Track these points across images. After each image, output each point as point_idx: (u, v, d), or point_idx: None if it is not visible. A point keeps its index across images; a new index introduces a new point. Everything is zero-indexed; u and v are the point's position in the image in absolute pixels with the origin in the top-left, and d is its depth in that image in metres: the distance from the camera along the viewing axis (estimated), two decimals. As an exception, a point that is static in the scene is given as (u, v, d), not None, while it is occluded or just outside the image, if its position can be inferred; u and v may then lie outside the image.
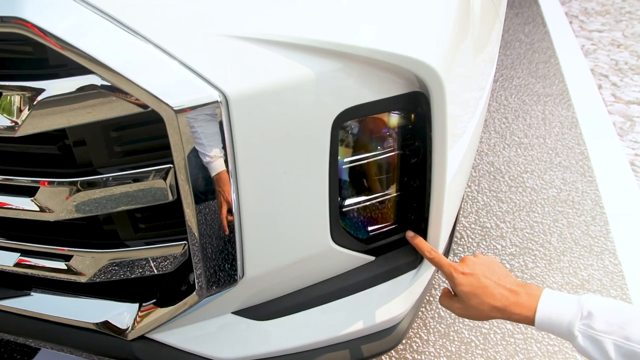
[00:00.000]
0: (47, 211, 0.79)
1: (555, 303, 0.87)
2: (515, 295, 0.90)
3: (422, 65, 0.77)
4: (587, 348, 0.82)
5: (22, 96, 0.70)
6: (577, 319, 0.83)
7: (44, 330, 0.99)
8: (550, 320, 0.86)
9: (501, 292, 0.90)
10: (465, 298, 0.93)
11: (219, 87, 0.71)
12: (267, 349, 0.98)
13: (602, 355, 0.80)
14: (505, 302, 0.90)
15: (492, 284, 0.91)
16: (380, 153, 0.91)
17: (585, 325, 0.82)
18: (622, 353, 0.78)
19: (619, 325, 0.79)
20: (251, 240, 0.85)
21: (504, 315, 0.90)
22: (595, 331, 0.81)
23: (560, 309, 0.85)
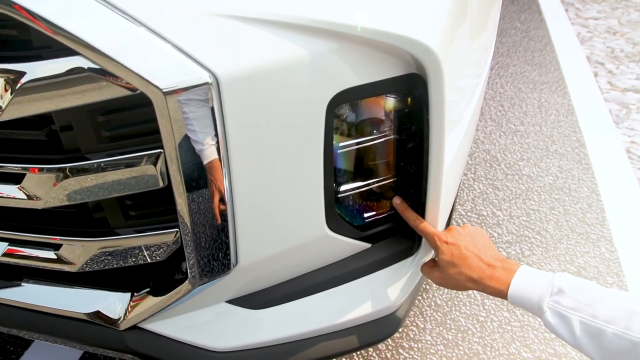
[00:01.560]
0: (35, 199, 0.77)
1: (529, 279, 0.89)
2: (492, 269, 0.92)
3: (420, 45, 0.75)
4: (554, 324, 0.84)
5: (5, 79, 0.68)
6: (547, 295, 0.85)
7: (35, 321, 0.98)
8: (521, 295, 0.88)
9: (479, 265, 0.93)
10: (444, 267, 0.96)
11: (209, 68, 0.69)
12: (262, 338, 0.97)
13: (568, 331, 0.82)
14: (481, 275, 0.92)
15: (471, 255, 0.94)
16: (376, 137, 0.89)
17: (554, 301, 0.84)
18: (587, 330, 0.80)
19: (587, 304, 0.81)
20: (244, 227, 0.83)
21: (478, 287, 0.93)
22: (563, 307, 0.83)
23: (532, 285, 0.88)
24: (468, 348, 1.57)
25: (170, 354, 0.95)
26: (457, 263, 0.94)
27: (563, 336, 0.83)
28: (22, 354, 1.56)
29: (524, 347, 1.57)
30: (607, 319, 0.79)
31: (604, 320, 0.79)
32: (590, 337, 0.80)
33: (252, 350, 0.97)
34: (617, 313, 0.79)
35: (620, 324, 0.77)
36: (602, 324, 0.79)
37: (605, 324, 0.78)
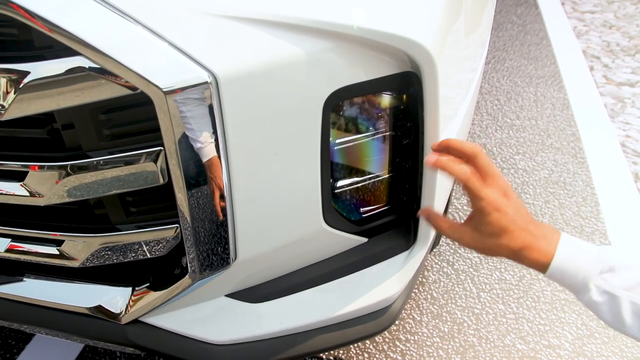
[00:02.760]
0: (37, 196, 0.79)
1: (574, 252, 0.81)
2: (534, 239, 0.82)
3: (414, 44, 0.76)
4: (600, 303, 0.78)
5: (8, 79, 0.69)
6: (595, 272, 0.79)
7: (37, 315, 0.99)
8: (565, 270, 0.81)
9: (522, 237, 0.82)
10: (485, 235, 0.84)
11: (208, 67, 0.70)
12: (261, 331, 0.98)
13: (614, 311, 0.77)
14: (523, 246, 0.82)
15: (517, 228, 0.82)
16: (372, 134, 0.91)
17: (603, 279, 0.78)
18: (636, 311, 0.76)
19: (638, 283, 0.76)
20: (243, 223, 0.85)
21: (516, 258, 0.84)
22: (614, 286, 0.77)
23: (578, 260, 0.80)
24: (464, 340, 1.58)
25: (171, 347, 0.96)
26: (501, 235, 0.83)
27: (606, 315, 0.79)
28: (24, 348, 1.57)
29: (518, 339, 1.59)
30: None
31: None
32: (637, 316, 0.76)
33: (252, 342, 0.98)
34: None
35: None
36: None
37: None
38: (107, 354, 1.55)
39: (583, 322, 1.64)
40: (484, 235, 0.84)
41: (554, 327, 1.62)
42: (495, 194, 0.82)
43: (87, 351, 1.56)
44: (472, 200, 0.83)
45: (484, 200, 0.81)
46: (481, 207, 0.82)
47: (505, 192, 0.83)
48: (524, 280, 1.78)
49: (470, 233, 0.85)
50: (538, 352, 1.55)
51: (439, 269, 1.82)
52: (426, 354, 1.54)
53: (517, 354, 1.54)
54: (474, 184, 0.81)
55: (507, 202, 0.82)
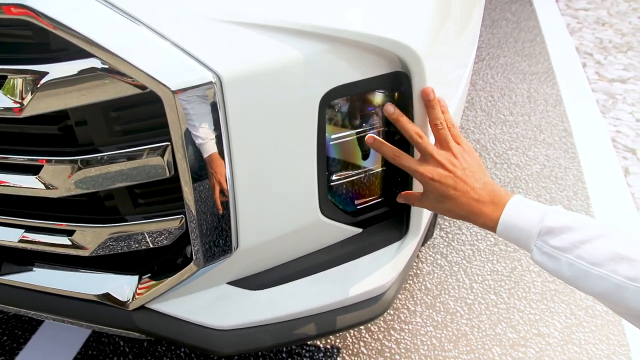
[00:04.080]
0: (52, 188, 0.83)
1: (518, 215, 0.85)
2: (480, 205, 0.88)
3: (403, 46, 0.81)
4: (542, 262, 0.83)
5: (26, 79, 0.74)
6: (535, 235, 0.83)
7: (48, 302, 1.03)
8: (509, 233, 0.86)
9: (467, 202, 0.88)
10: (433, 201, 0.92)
11: (213, 68, 0.75)
12: (260, 317, 1.02)
13: (556, 270, 0.81)
14: (469, 211, 0.89)
15: (459, 194, 0.88)
16: (366, 130, 0.95)
17: (542, 241, 0.82)
18: (574, 272, 0.79)
19: (575, 244, 0.79)
20: (244, 213, 0.89)
21: (468, 221, 0.91)
22: (551, 247, 0.81)
23: (520, 223, 0.85)
24: (456, 329, 1.62)
25: (175, 332, 1.00)
26: (444, 201, 0.90)
27: (552, 273, 0.83)
28: (30, 338, 1.61)
29: (509, 327, 1.62)
30: (594, 262, 0.77)
31: (590, 263, 0.77)
32: (577, 278, 0.79)
33: (252, 328, 1.02)
34: (604, 255, 0.77)
35: (607, 266, 0.76)
36: (587, 266, 0.77)
37: (591, 266, 0.77)
38: (110, 344, 1.58)
39: (572, 312, 1.67)
40: (433, 201, 0.92)
41: (544, 316, 1.66)
42: (429, 167, 0.89)
43: (91, 340, 1.59)
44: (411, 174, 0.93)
45: (417, 173, 0.90)
46: (418, 178, 0.91)
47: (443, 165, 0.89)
48: (516, 272, 1.81)
49: (426, 202, 0.94)
50: (528, 341, 1.59)
51: (432, 260, 1.86)
52: (420, 343, 1.58)
53: (507, 342, 1.58)
54: (402, 161, 0.91)
55: (445, 173, 0.89)
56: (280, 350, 1.56)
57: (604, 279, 0.76)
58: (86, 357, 1.55)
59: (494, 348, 1.57)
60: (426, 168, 0.90)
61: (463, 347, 1.57)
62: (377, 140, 0.92)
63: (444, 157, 0.90)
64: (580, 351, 1.56)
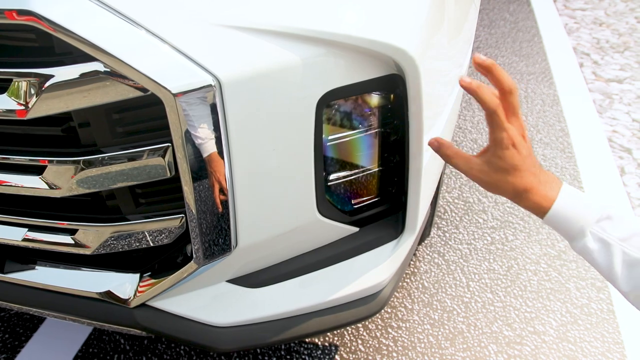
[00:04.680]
0: (55, 188, 0.85)
1: (575, 200, 0.84)
2: (538, 182, 0.84)
3: (397, 49, 0.83)
4: (594, 250, 0.81)
5: (31, 82, 0.76)
6: (593, 220, 0.81)
7: (50, 300, 1.05)
8: (564, 216, 0.83)
9: (529, 178, 0.84)
10: (495, 169, 0.85)
11: (212, 72, 0.77)
12: (259, 315, 1.04)
13: (607, 259, 0.80)
14: (527, 187, 0.84)
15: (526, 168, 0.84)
16: (362, 131, 0.96)
17: (600, 227, 0.81)
18: (626, 260, 0.78)
19: (634, 234, 0.79)
20: (243, 213, 0.91)
21: (518, 199, 0.86)
22: (609, 235, 0.80)
23: (578, 207, 0.83)
24: (453, 327, 1.64)
25: (176, 329, 1.02)
26: (511, 172, 0.84)
27: (599, 262, 0.81)
28: (31, 336, 1.62)
29: (505, 325, 1.64)
30: None
31: None
32: (627, 266, 0.78)
33: (250, 325, 1.04)
34: None
35: None
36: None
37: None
38: (111, 342, 1.60)
39: (567, 310, 1.69)
40: (493, 169, 0.85)
41: (540, 314, 1.68)
42: (514, 131, 0.83)
43: (92, 338, 1.61)
44: (494, 131, 0.84)
45: (506, 132, 0.82)
46: (501, 139, 0.83)
47: (523, 134, 0.85)
48: (512, 271, 1.83)
49: (480, 165, 0.87)
50: (524, 338, 1.60)
51: (430, 259, 1.88)
52: (417, 340, 1.60)
53: (504, 340, 1.60)
54: (500, 114, 0.82)
55: (523, 143, 0.84)
56: (278, 348, 1.58)
57: None
58: (87, 355, 1.56)
59: (490, 346, 1.58)
60: (514, 132, 0.83)
61: (460, 344, 1.59)
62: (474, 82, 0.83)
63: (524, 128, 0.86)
64: (576, 349, 1.58)
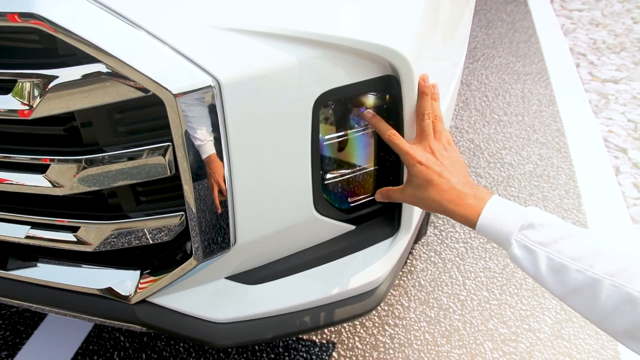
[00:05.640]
0: (58, 186, 0.87)
1: (500, 210, 0.87)
2: (463, 196, 0.89)
3: (392, 51, 0.85)
4: (520, 257, 0.84)
5: (36, 83, 0.78)
6: (516, 228, 0.84)
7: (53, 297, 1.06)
8: (490, 226, 0.86)
9: (450, 191, 0.89)
10: (415, 187, 0.93)
11: (212, 73, 0.79)
12: (257, 311, 1.05)
13: (533, 265, 0.82)
14: (451, 202, 0.89)
15: (444, 182, 0.90)
16: (359, 130, 0.98)
17: (523, 235, 0.83)
18: (551, 266, 0.80)
19: (555, 240, 0.81)
20: (242, 210, 0.93)
21: (447, 213, 0.91)
22: (531, 241, 0.82)
23: (502, 217, 0.86)
24: (449, 325, 1.66)
25: (175, 325, 1.04)
26: (428, 187, 0.90)
27: (527, 269, 0.84)
28: (32, 334, 1.64)
29: (501, 323, 1.66)
30: (572, 256, 0.79)
31: (569, 257, 0.79)
32: (553, 272, 0.80)
33: (249, 321, 1.06)
34: (583, 251, 0.79)
35: (584, 261, 0.78)
36: (566, 260, 0.79)
37: (570, 261, 0.79)
38: (111, 339, 1.61)
39: (562, 308, 1.71)
40: (415, 188, 0.93)
41: (535, 312, 1.70)
42: (419, 151, 0.92)
43: (92, 336, 1.62)
44: (398, 154, 0.93)
45: (407, 155, 0.91)
46: (405, 160, 0.92)
47: (433, 152, 0.92)
48: (508, 269, 1.85)
49: (407, 189, 0.95)
50: (519, 336, 1.62)
51: (426, 258, 1.90)
52: (413, 338, 1.62)
53: (499, 337, 1.62)
54: (394, 140, 0.92)
55: (434, 160, 0.91)
56: (277, 345, 1.59)
57: (582, 272, 0.78)
58: (87, 352, 1.58)
59: (486, 343, 1.61)
60: (416, 151, 0.92)
61: (455, 342, 1.61)
62: (375, 116, 0.95)
63: (435, 146, 0.93)
64: (570, 346, 1.60)
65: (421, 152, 0.92)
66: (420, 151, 0.92)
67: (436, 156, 0.92)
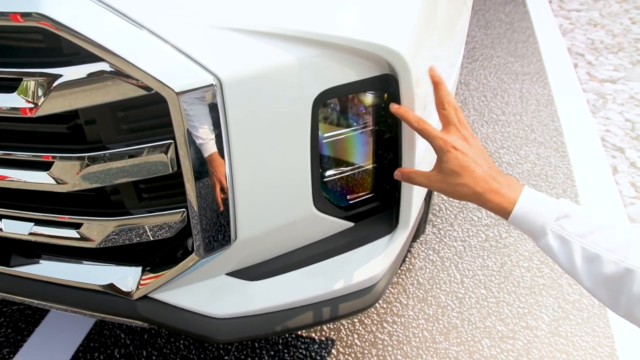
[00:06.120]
0: (62, 183, 0.89)
1: (535, 200, 0.87)
2: (498, 184, 0.88)
3: (390, 51, 0.87)
4: (554, 247, 0.84)
5: (40, 81, 0.79)
6: (552, 218, 0.84)
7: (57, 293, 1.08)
8: (526, 215, 0.86)
9: (485, 178, 0.88)
10: (448, 174, 0.91)
11: (213, 72, 0.80)
12: (257, 307, 1.07)
13: (567, 255, 0.84)
14: (486, 189, 0.88)
15: (478, 168, 0.89)
16: (357, 129, 1.00)
17: (559, 225, 0.84)
18: (586, 256, 0.82)
19: (590, 231, 0.82)
20: (243, 207, 0.94)
21: (480, 201, 0.90)
22: (567, 232, 0.83)
23: (539, 207, 0.86)
24: (447, 322, 1.67)
25: (176, 321, 1.05)
26: (462, 173, 0.89)
27: (560, 259, 0.84)
28: (33, 331, 1.65)
29: (498, 321, 1.67)
30: (607, 247, 0.80)
31: (604, 248, 0.80)
32: (588, 262, 0.82)
33: (249, 317, 1.07)
34: (617, 243, 0.80)
35: (619, 253, 0.79)
36: (601, 251, 0.80)
37: (605, 251, 0.80)
38: (111, 336, 1.63)
39: (559, 305, 1.73)
40: (447, 174, 0.91)
41: (532, 309, 1.72)
42: (452, 137, 0.91)
43: (92, 333, 1.64)
44: (431, 141, 0.92)
45: (440, 139, 0.90)
46: (439, 145, 0.90)
47: (466, 138, 0.92)
48: (505, 267, 1.87)
49: (437, 176, 0.93)
50: (517, 333, 1.64)
51: (425, 256, 1.91)
52: (412, 335, 1.63)
53: (497, 335, 1.63)
54: (425, 127, 0.91)
55: (467, 146, 0.90)
56: (276, 342, 1.61)
57: (616, 263, 0.79)
58: (88, 349, 1.60)
59: (484, 340, 1.62)
60: (450, 137, 0.91)
61: (454, 339, 1.63)
62: (401, 107, 0.94)
63: (466, 134, 0.92)
64: (567, 343, 1.62)
65: (455, 138, 0.91)
66: (454, 136, 0.91)
67: (469, 143, 0.91)
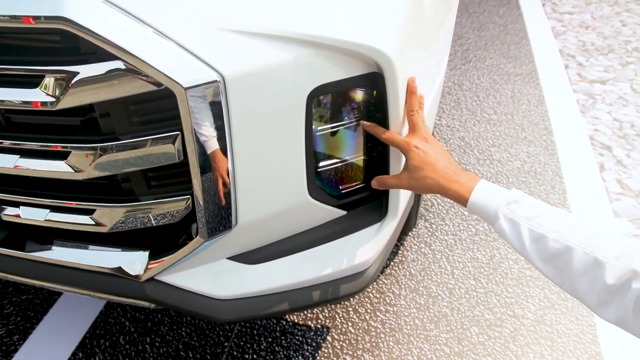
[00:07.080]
0: (78, 171, 0.96)
1: (489, 189, 0.98)
2: (456, 175, 1.01)
3: (376, 51, 0.94)
4: (506, 229, 0.93)
5: (60, 78, 0.87)
6: (504, 203, 0.94)
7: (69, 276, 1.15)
8: (481, 202, 0.97)
9: (445, 171, 1.01)
10: (413, 170, 1.03)
11: (217, 69, 0.88)
12: (256, 288, 1.14)
13: (516, 236, 0.92)
14: (446, 179, 1.00)
15: (439, 161, 1.02)
16: (348, 122, 1.07)
17: (509, 209, 0.93)
18: (533, 236, 0.90)
19: (536, 215, 0.91)
20: (243, 194, 1.01)
21: (442, 190, 1.01)
22: (516, 215, 0.92)
23: (491, 194, 0.97)
24: (437, 311, 1.74)
25: (181, 301, 1.12)
26: (425, 167, 1.01)
27: (511, 240, 0.93)
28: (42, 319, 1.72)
29: (487, 309, 1.75)
30: (552, 228, 0.88)
31: (549, 229, 0.88)
32: (534, 241, 0.90)
33: (248, 298, 1.14)
34: (561, 224, 0.89)
35: (561, 233, 0.87)
36: (546, 231, 0.88)
37: (550, 232, 0.88)
38: (117, 324, 1.70)
39: (545, 295, 1.80)
40: (412, 171, 1.04)
41: (519, 299, 1.79)
42: (415, 139, 1.05)
43: (99, 321, 1.71)
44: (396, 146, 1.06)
45: (404, 142, 1.04)
46: (404, 147, 1.05)
47: (427, 139, 1.05)
48: (494, 259, 1.94)
49: (404, 174, 1.07)
50: (504, 321, 1.71)
51: (417, 249, 1.98)
52: (404, 323, 1.70)
53: (485, 323, 1.70)
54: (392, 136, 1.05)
55: (427, 144, 1.04)
56: (274, 329, 1.68)
57: (559, 242, 0.87)
58: (94, 336, 1.66)
59: (472, 328, 1.69)
60: (412, 139, 1.05)
61: (443, 327, 1.69)
62: (371, 125, 1.08)
63: (427, 135, 1.06)
64: (552, 330, 1.68)
65: (417, 139, 1.05)
66: (416, 138, 1.05)
67: (429, 142, 1.05)
